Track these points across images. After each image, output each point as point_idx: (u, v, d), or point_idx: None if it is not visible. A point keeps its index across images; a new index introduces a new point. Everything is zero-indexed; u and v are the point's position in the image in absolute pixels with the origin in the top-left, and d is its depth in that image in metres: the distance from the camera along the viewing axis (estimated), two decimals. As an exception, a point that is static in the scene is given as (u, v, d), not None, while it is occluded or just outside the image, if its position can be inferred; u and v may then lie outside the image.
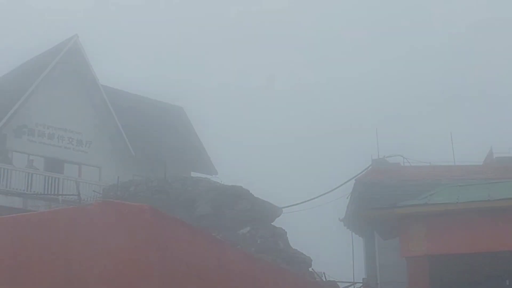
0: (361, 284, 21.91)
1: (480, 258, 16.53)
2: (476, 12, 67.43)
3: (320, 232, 35.94)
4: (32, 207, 24.65)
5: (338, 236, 29.55)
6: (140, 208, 8.54)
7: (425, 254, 16.65)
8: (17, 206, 24.76)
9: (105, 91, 31.34)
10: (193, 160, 34.51)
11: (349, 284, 22.34)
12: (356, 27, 69.11)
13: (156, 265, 8.11)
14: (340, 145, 52.28)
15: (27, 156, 28.41)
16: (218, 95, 63.76)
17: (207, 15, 73.48)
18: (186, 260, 8.98)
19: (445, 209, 16.54)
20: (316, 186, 30.72)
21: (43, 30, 52.59)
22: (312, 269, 22.61)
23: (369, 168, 26.40)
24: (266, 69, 68.57)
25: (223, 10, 72.77)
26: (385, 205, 17.90)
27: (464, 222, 16.39)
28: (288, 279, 14.04)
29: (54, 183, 27.00)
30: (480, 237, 16.11)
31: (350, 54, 68.27)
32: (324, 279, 21.81)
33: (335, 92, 65.49)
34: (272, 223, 24.52)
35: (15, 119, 28.09)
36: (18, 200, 25.38)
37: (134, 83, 41.38)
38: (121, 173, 27.92)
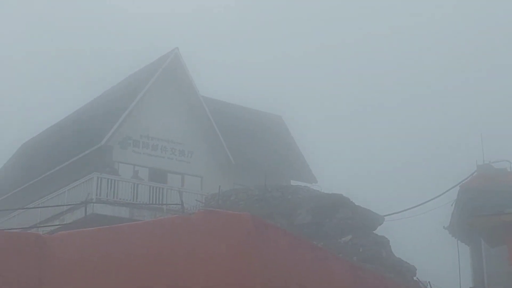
0: (468, 293, 21.23)
1: None
2: None
3: (424, 240, 35.13)
4: (138, 217, 25.36)
5: (443, 244, 28.80)
6: (241, 217, 8.64)
7: (536, 263, 15.97)
8: (124, 216, 25.57)
9: (205, 101, 31.93)
10: (293, 169, 34.55)
11: (455, 293, 21.70)
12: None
13: (257, 273, 8.16)
14: (443, 150, 50.97)
15: (132, 167, 29.30)
16: (317, 103, 63.65)
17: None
18: (287, 268, 8.99)
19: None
20: (419, 192, 30.09)
21: (145, 42, 54.31)
22: (417, 278, 22.11)
23: (474, 174, 25.64)
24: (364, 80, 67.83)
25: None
26: (492, 212, 17.31)
27: None
28: (392, 288, 13.79)
29: (158, 193, 27.67)
30: None
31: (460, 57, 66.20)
32: (429, 288, 21.28)
33: (439, 96, 64.01)
34: (374, 232, 24.17)
35: (120, 132, 29.06)
36: (125, 210, 26.19)
37: (232, 93, 41.98)
38: (222, 182, 28.29)
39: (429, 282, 21.78)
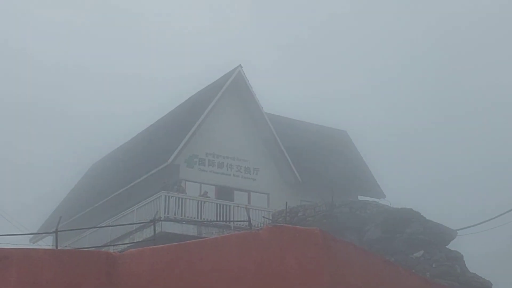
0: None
1: None
2: None
3: (500, 254, 33.96)
4: (205, 234, 25.39)
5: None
6: (311, 232, 8.46)
7: None
8: (192, 233, 25.66)
9: (269, 118, 31.88)
10: (360, 184, 34.07)
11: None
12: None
13: (328, 287, 7.95)
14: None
15: (199, 185, 29.43)
16: (383, 116, 62.76)
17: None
18: (358, 283, 8.74)
19: None
20: (493, 204, 29.17)
21: (208, 61, 54.84)
22: (493, 293, 21.41)
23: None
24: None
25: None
26: None
27: None
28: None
29: (225, 210, 27.70)
30: None
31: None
32: (506, 305, 20.53)
33: None
34: (447, 246, 23.54)
35: (186, 150, 29.28)
36: (193, 228, 26.29)
37: (296, 109, 41.81)
38: (288, 198, 28.10)
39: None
